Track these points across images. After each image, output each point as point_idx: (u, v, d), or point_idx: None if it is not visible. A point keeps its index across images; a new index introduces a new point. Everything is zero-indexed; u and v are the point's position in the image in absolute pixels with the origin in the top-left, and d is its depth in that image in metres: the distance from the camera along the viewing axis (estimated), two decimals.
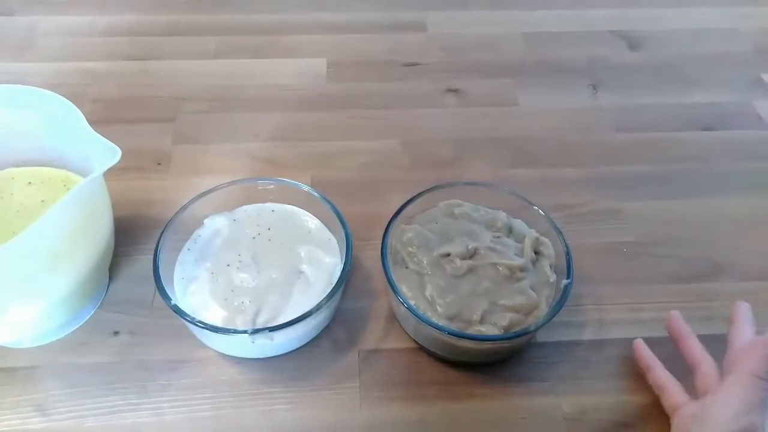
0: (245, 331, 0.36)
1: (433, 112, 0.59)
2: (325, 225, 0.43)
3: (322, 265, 0.41)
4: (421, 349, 0.41)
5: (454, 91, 0.60)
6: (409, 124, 0.57)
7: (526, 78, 0.62)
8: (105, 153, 0.35)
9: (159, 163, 0.53)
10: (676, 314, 0.40)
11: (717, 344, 0.42)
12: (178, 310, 0.36)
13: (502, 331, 0.37)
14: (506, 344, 0.38)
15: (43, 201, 0.41)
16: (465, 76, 0.62)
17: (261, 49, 0.64)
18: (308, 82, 0.61)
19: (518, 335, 0.37)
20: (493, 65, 0.63)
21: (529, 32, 0.68)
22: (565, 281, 0.39)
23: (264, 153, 0.54)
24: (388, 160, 0.54)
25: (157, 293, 0.43)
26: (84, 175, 0.43)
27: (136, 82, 0.60)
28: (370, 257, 0.46)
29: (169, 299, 0.37)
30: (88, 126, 0.37)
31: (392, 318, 0.43)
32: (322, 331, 0.41)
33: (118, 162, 0.34)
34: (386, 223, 0.42)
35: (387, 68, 0.63)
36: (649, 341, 0.42)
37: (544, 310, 0.38)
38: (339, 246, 0.42)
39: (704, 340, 0.43)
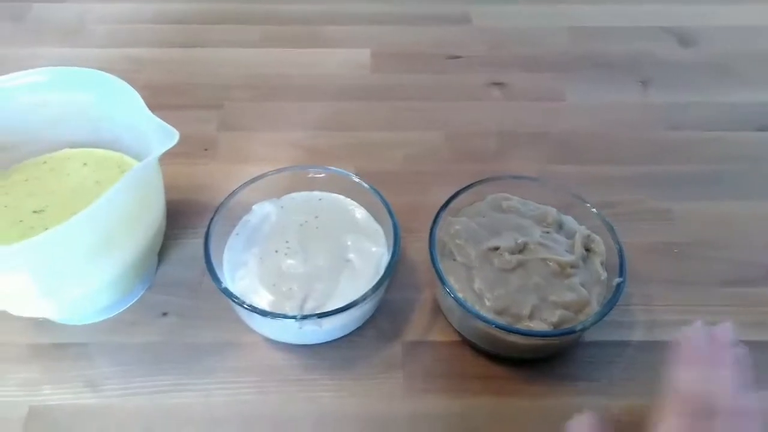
0: (294, 317, 0.36)
1: (477, 105, 0.58)
2: (372, 215, 0.43)
3: (368, 254, 0.41)
4: (466, 342, 0.41)
5: (499, 84, 0.60)
6: (453, 116, 0.57)
7: (572, 73, 0.61)
8: (162, 135, 0.35)
9: (206, 149, 0.53)
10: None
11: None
12: (228, 294, 0.37)
13: (552, 327, 0.36)
14: (555, 341, 0.37)
15: (97, 182, 0.42)
16: (510, 69, 0.61)
17: (305, 38, 0.64)
18: (352, 73, 0.61)
19: (570, 332, 0.36)
20: (538, 59, 0.62)
21: (576, 26, 0.66)
22: (617, 279, 0.38)
23: (308, 142, 0.54)
24: (431, 152, 0.54)
25: (205, 277, 0.44)
26: (137, 158, 0.43)
27: (183, 70, 0.61)
28: (414, 249, 0.46)
29: (220, 282, 0.37)
30: (146, 109, 0.37)
31: (436, 310, 0.43)
32: (366, 321, 0.41)
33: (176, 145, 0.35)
34: (429, 215, 0.41)
35: (430, 60, 0.62)
36: None
37: (594, 308, 0.37)
38: (385, 236, 0.42)
39: (755, 346, 0.41)
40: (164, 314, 0.43)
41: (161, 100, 0.58)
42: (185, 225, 0.47)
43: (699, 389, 0.29)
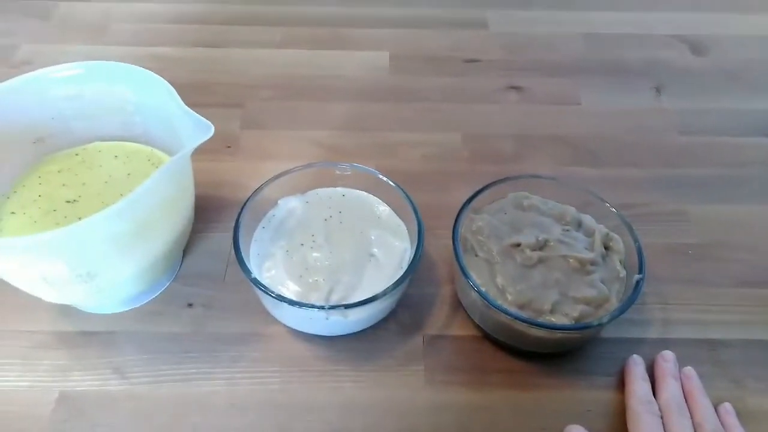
0: (322, 307, 0.37)
1: (494, 108, 0.59)
2: (395, 211, 0.44)
3: (392, 249, 0.42)
4: (486, 337, 0.42)
5: (516, 88, 0.61)
6: (470, 118, 0.58)
7: (587, 78, 0.62)
8: (197, 129, 0.37)
9: (228, 146, 0.54)
10: None
11: None
12: (257, 284, 0.38)
13: (573, 322, 0.37)
14: (576, 335, 0.38)
15: (129, 174, 0.43)
16: (526, 73, 0.62)
17: (325, 40, 0.65)
18: (371, 75, 0.62)
19: (591, 326, 0.37)
20: (554, 64, 0.64)
21: (591, 33, 0.68)
22: (636, 276, 0.39)
23: (328, 141, 0.55)
24: (449, 152, 0.55)
25: (229, 269, 0.45)
26: (167, 152, 0.45)
27: (206, 69, 0.62)
28: (434, 246, 0.47)
29: (250, 273, 0.38)
30: (182, 103, 0.39)
31: (457, 305, 0.44)
32: (387, 315, 0.42)
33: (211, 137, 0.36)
34: (447, 213, 0.42)
35: (448, 64, 0.63)
36: (712, 343, 0.42)
37: (614, 304, 0.38)
38: (408, 232, 0.43)
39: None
40: (189, 305, 0.44)
41: (184, 98, 0.58)
42: (208, 219, 0.48)
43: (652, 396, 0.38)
